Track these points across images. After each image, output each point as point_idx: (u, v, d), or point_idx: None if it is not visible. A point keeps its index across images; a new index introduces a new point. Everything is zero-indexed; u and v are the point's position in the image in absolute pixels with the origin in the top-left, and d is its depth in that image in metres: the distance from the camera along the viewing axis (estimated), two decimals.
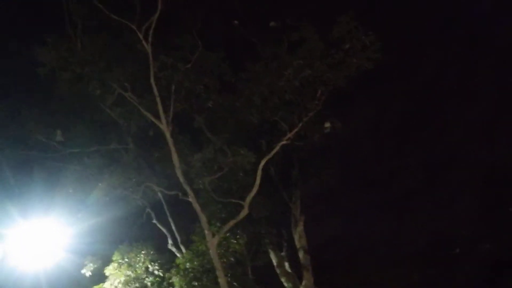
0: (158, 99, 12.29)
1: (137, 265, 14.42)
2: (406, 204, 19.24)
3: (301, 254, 14.90)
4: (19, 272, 13.59)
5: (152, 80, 12.24)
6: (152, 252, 14.66)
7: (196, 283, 13.46)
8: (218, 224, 13.27)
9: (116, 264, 14.36)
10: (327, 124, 13.91)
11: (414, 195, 19.19)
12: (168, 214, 14.86)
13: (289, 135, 12.82)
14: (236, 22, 13.77)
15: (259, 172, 12.74)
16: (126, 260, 14.40)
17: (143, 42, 12.25)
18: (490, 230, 18.35)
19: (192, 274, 13.44)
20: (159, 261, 14.70)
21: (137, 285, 14.50)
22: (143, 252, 14.53)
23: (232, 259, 13.66)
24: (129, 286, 14.37)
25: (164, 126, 12.45)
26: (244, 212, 12.77)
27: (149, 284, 14.59)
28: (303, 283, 14.71)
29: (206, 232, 12.33)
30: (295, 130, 12.82)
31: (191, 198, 12.41)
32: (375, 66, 12.14)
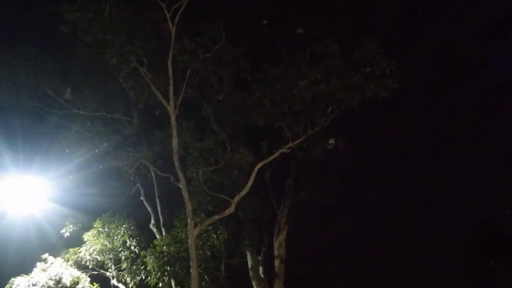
0: (171, 81, 12.28)
1: (116, 237, 14.53)
2: (394, 236, 19.22)
3: (277, 262, 14.91)
4: (10, 217, 13.83)
5: (169, 61, 12.22)
6: (132, 228, 14.75)
7: (168, 268, 13.54)
8: (202, 215, 13.31)
9: (95, 232, 14.47)
10: (331, 141, 13.93)
11: (404, 228, 19.16)
12: (156, 194, 14.91)
13: (290, 144, 12.83)
14: (264, 21, 13.79)
15: (254, 174, 12.75)
16: (106, 230, 14.50)
17: (169, 22, 12.24)
18: (468, 280, 18.35)
19: (166, 258, 13.52)
20: (137, 238, 14.79)
21: (111, 256, 14.63)
22: (124, 225, 14.61)
23: (208, 252, 13.73)
24: (103, 255, 14.49)
25: (171, 108, 12.45)
26: (231, 210, 12.79)
27: (123, 257, 14.70)
28: None
29: (189, 220, 12.33)
30: (298, 140, 12.82)
31: (182, 185, 12.43)
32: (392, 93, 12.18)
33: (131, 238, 14.71)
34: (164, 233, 14.59)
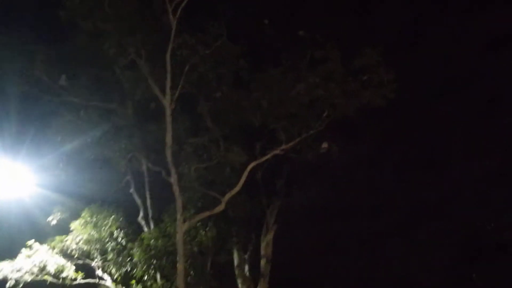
0: (168, 75, 12.22)
1: (103, 228, 14.40)
2: (381, 242, 19.33)
3: (263, 262, 14.95)
4: None
5: (168, 55, 12.17)
6: (121, 219, 14.64)
7: (155, 261, 13.53)
8: (192, 211, 13.29)
9: (83, 221, 14.35)
10: (324, 145, 13.96)
11: (391, 234, 19.27)
12: (146, 187, 14.84)
13: (284, 146, 12.85)
14: (266, 21, 13.73)
15: (246, 173, 12.75)
16: (94, 220, 14.37)
17: (171, 15, 12.18)
18: None
19: (153, 252, 13.49)
20: (125, 230, 14.69)
21: (97, 246, 14.53)
22: (112, 216, 14.50)
23: (195, 248, 13.71)
24: (89, 245, 14.40)
25: (167, 103, 12.38)
26: (220, 208, 12.78)
27: (109, 248, 14.62)
28: None
29: (178, 215, 12.27)
30: (292, 143, 12.85)
31: (173, 180, 12.36)
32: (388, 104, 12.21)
33: (118, 230, 14.63)
34: (152, 227, 14.52)
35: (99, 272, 14.55)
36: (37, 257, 13.56)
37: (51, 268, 13.60)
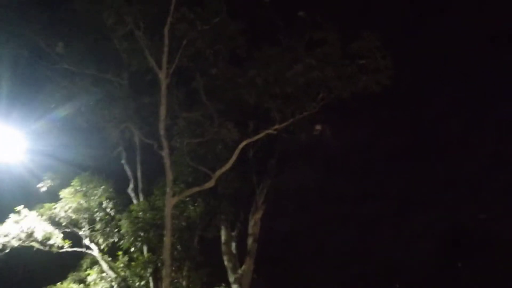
0: (166, 49, 12.16)
1: (92, 197, 14.45)
2: (370, 226, 19.55)
3: (249, 240, 15.10)
4: None
5: (166, 29, 12.09)
6: (110, 190, 14.67)
7: (142, 234, 13.61)
8: (182, 186, 13.35)
9: (72, 190, 14.37)
10: (318, 127, 14.00)
11: (381, 220, 19.49)
12: (138, 159, 14.86)
13: (278, 126, 12.86)
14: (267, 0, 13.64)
15: (237, 151, 12.79)
16: (84, 189, 14.40)
17: None
18: (435, 279, 18.80)
19: (141, 224, 13.56)
20: (114, 201, 14.74)
21: (86, 215, 14.58)
22: (102, 187, 14.53)
23: (183, 223, 13.78)
24: (78, 214, 14.43)
25: (162, 76, 12.34)
26: (210, 184, 12.83)
27: (98, 218, 14.68)
28: (243, 267, 14.95)
29: (167, 189, 12.33)
30: (286, 123, 12.86)
31: (165, 153, 12.39)
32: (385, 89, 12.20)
33: (107, 200, 14.66)
34: (141, 199, 14.58)
35: (86, 242, 14.62)
36: (25, 223, 13.59)
37: (39, 235, 13.65)
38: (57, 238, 13.92)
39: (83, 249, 14.59)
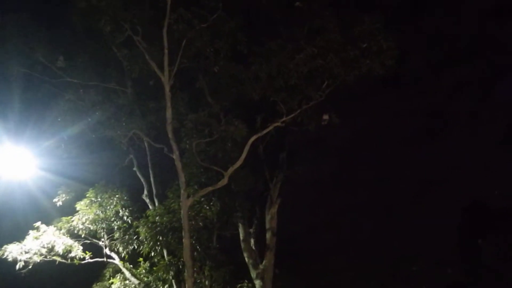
0: (166, 51, 12.10)
1: (108, 207, 14.54)
2: (387, 213, 19.43)
3: (268, 235, 15.05)
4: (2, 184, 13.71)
5: (164, 31, 12.05)
6: (125, 198, 14.77)
7: (161, 238, 13.59)
8: (195, 187, 13.30)
9: (88, 201, 14.48)
10: (326, 117, 13.88)
11: (395, 206, 19.37)
12: (149, 165, 14.85)
13: (285, 118, 12.79)
14: None
15: (247, 147, 12.74)
16: (99, 199, 14.51)
17: None
18: (455, 257, 18.64)
19: (159, 229, 13.54)
20: (130, 208, 14.83)
21: (103, 225, 14.68)
22: (117, 195, 14.63)
23: (200, 223, 13.73)
24: (96, 225, 14.52)
25: (165, 79, 12.32)
26: (223, 182, 12.82)
27: (115, 227, 14.77)
28: (264, 262, 14.91)
29: (182, 191, 12.36)
30: (292, 115, 12.79)
31: (175, 156, 12.40)
32: (393, 76, 12.07)
33: (123, 208, 14.74)
34: (156, 204, 14.59)
35: (106, 251, 14.73)
36: (45, 238, 13.77)
37: (59, 249, 13.82)
38: (77, 250, 14.07)
39: (104, 259, 14.69)
